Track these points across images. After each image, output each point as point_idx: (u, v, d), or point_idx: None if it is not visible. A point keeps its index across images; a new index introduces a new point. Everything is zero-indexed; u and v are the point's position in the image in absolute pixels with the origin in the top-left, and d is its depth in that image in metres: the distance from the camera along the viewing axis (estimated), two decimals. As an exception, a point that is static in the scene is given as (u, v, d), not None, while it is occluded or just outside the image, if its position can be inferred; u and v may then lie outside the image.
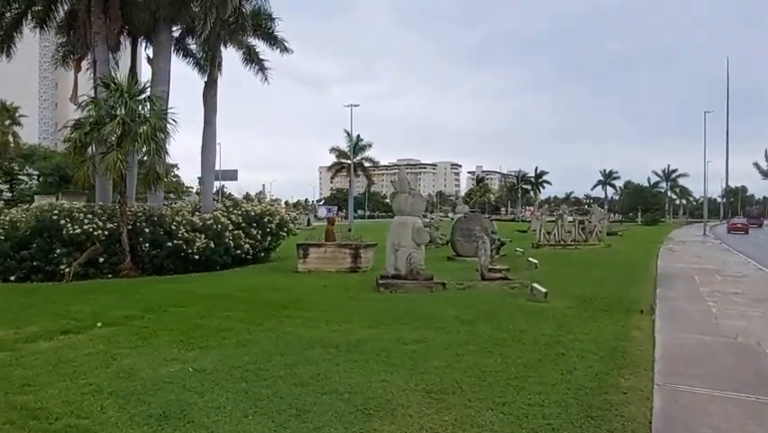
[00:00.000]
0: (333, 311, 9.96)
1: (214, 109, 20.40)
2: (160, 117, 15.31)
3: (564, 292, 11.91)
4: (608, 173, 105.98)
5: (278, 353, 7.14)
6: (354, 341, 7.68)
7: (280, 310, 10.08)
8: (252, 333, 8.33)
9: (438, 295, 11.63)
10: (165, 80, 17.79)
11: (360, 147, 54.21)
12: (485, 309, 9.79)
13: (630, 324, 8.75)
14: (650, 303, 10.61)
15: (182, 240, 15.82)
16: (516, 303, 10.44)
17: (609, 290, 12.24)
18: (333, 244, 16.63)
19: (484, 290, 12.23)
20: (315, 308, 10.34)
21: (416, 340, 7.68)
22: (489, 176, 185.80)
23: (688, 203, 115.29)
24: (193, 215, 17.69)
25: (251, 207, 19.07)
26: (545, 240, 26.94)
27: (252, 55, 21.81)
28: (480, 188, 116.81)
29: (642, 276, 14.90)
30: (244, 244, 17.78)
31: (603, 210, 57.45)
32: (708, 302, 10.58)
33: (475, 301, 10.62)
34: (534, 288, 10.99)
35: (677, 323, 8.71)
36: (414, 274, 12.53)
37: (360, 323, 8.89)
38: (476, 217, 21.45)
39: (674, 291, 12.15)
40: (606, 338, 7.72)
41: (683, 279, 14.34)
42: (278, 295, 11.92)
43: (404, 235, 12.71)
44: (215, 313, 9.92)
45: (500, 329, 8.26)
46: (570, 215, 52.05)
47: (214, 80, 20.51)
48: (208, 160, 20.38)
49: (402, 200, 12.97)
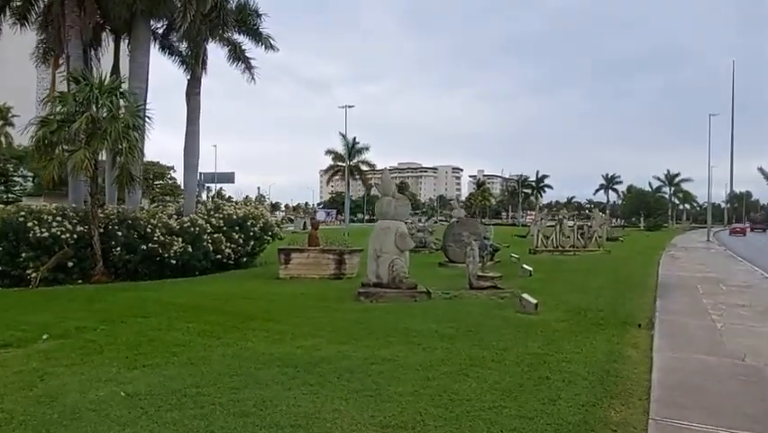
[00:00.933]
0: (304, 323, 9.17)
1: (197, 108, 19.65)
2: (133, 114, 14.54)
3: (557, 303, 11.11)
4: (610, 177, 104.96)
5: (228, 373, 6.36)
6: (317, 359, 6.88)
7: (247, 322, 9.29)
8: (208, 349, 7.54)
9: (421, 305, 10.82)
10: (143, 76, 17.04)
11: (356, 150, 53.36)
12: (468, 323, 8.98)
13: (626, 340, 7.93)
14: (649, 316, 9.79)
15: (157, 244, 15.04)
16: (504, 315, 9.63)
17: (606, 301, 11.43)
18: (316, 249, 15.83)
19: (471, 300, 11.42)
20: (286, 319, 9.56)
21: (385, 359, 6.88)
22: (491, 180, 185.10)
23: (691, 208, 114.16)
24: (176, 217, 16.90)
25: (234, 210, 18.27)
26: (543, 246, 26.10)
27: (238, 53, 21.05)
28: (482, 192, 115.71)
29: (641, 285, 14.07)
30: (225, 249, 17.00)
31: (604, 215, 56.62)
32: (712, 316, 9.74)
33: (459, 313, 9.81)
34: (524, 298, 10.17)
35: (678, 340, 7.87)
36: (396, 283, 11.73)
37: (329, 337, 8.10)
38: (470, 222, 20.64)
39: (675, 303, 11.31)
40: (597, 358, 6.91)
41: (685, 289, 13.50)
42: (250, 304, 11.14)
43: (386, 241, 11.91)
44: (176, 325, 9.14)
45: (481, 346, 7.45)
46: (570, 219, 51.34)
47: (198, 78, 19.76)
48: (191, 160, 19.61)
49: (385, 203, 12.16)
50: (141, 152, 15.34)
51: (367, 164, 55.10)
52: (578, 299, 11.67)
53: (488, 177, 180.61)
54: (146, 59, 17.25)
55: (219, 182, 79.40)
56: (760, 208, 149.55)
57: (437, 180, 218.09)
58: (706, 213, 68.70)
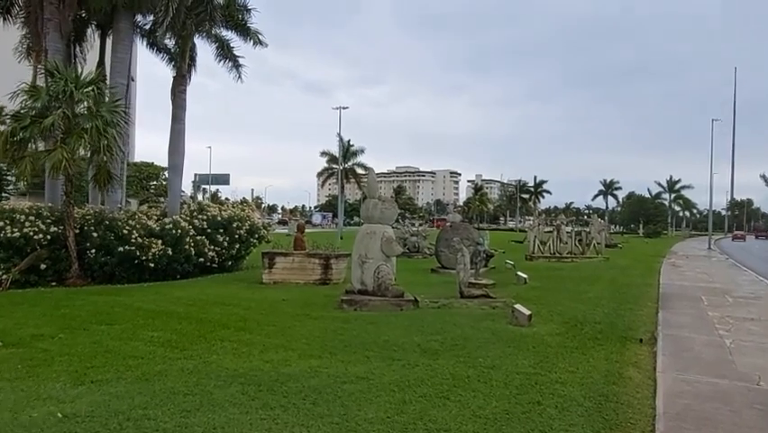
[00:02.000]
0: (278, 333, 8.50)
1: (182, 106, 18.99)
2: (112, 111, 13.87)
3: (552, 314, 10.45)
4: (609, 183, 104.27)
5: (183, 391, 5.70)
6: (284, 376, 6.22)
7: (217, 331, 8.62)
8: (167, 362, 6.88)
9: (407, 315, 10.14)
10: (124, 72, 16.37)
11: (351, 152, 52.65)
12: (455, 336, 8.31)
13: (626, 358, 7.26)
14: (651, 330, 9.13)
15: (135, 246, 14.33)
16: (494, 328, 8.95)
17: (604, 312, 10.76)
18: (301, 253, 15.14)
19: (460, 309, 10.74)
20: (260, 329, 8.89)
21: (359, 377, 6.21)
22: (489, 185, 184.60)
23: (692, 215, 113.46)
24: (157, 219, 16.21)
25: (219, 211, 17.55)
26: (540, 252, 25.43)
27: (226, 50, 20.41)
28: (479, 197, 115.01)
29: (642, 295, 13.40)
30: (208, 252, 16.29)
31: (603, 221, 56.00)
32: (719, 331, 9.06)
33: (446, 324, 9.13)
34: (516, 310, 9.50)
35: (683, 359, 7.20)
36: (382, 290, 11.05)
37: (302, 350, 7.43)
38: (463, 227, 19.94)
39: (679, 315, 10.63)
40: (595, 379, 6.23)
41: (689, 300, 12.82)
42: (226, 311, 10.46)
43: (372, 246, 11.23)
44: (140, 334, 8.48)
45: (467, 364, 6.78)
46: (568, 225, 50.54)
47: (183, 75, 19.10)
48: (175, 159, 18.93)
49: (371, 206, 11.48)
50: (120, 149, 14.65)
51: (362, 167, 54.40)
52: (574, 309, 11.00)
53: (486, 182, 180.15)
54: (128, 54, 16.59)
55: (214, 184, 79.09)
56: (761, 216, 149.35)
57: (435, 185, 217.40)
58: (706, 220, 68.16)
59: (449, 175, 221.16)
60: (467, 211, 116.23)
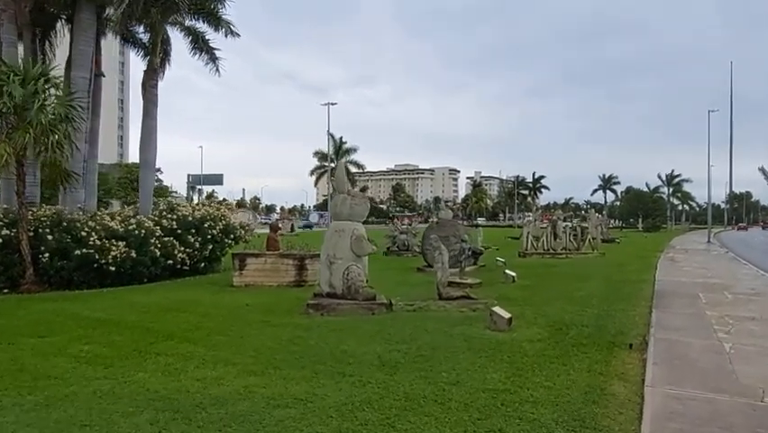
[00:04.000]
0: (226, 345, 7.60)
1: (154, 101, 18.09)
2: (65, 105, 12.95)
3: (536, 316, 9.54)
4: (608, 178, 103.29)
5: (83, 421, 4.82)
6: (210, 400, 5.32)
7: (159, 343, 7.73)
8: (84, 382, 5.98)
9: (376, 320, 9.23)
10: (86, 65, 15.41)
11: (344, 150, 51.66)
12: (423, 344, 7.40)
13: (612, 369, 6.35)
14: (642, 334, 8.21)
15: (94, 248, 13.41)
16: (469, 334, 8.05)
17: (593, 313, 9.85)
18: (274, 253, 14.22)
19: (437, 312, 9.83)
20: (208, 339, 7.98)
21: (298, 399, 5.32)
22: (488, 182, 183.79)
23: (690, 209, 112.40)
24: (120, 219, 15.27)
25: (191, 210, 16.61)
26: (533, 248, 24.51)
27: (201, 43, 19.48)
28: (476, 193, 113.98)
29: (636, 293, 12.48)
30: (178, 254, 15.35)
31: (601, 216, 55.10)
32: (718, 333, 8.13)
33: (416, 331, 8.23)
34: (495, 313, 8.58)
35: (677, 369, 6.28)
36: (352, 293, 10.14)
37: (245, 366, 6.53)
38: (450, 224, 19.01)
39: (674, 316, 9.72)
40: (573, 397, 5.33)
41: (686, 298, 11.89)
42: (179, 319, 9.56)
43: (341, 245, 10.32)
44: (70, 347, 7.58)
45: (428, 379, 5.88)
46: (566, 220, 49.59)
47: (155, 69, 18.21)
48: (147, 156, 18.04)
49: (339, 202, 10.56)
50: (76, 147, 13.71)
51: (355, 165, 53.46)
52: (561, 310, 10.09)
53: (485, 178, 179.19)
54: (90, 47, 15.64)
55: (207, 184, 78.27)
56: (761, 209, 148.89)
57: (434, 182, 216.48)
58: (705, 214, 67.12)
59: (448, 172, 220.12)
60: (465, 208, 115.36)
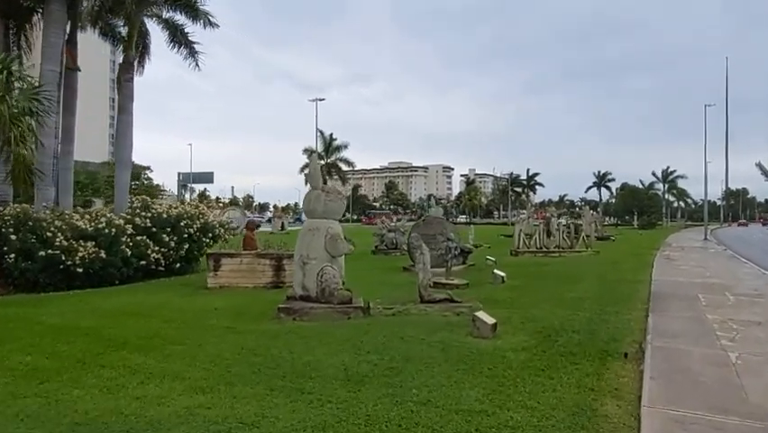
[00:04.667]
0: (180, 356, 6.90)
1: (129, 96, 17.37)
2: (29, 98, 12.24)
3: (524, 320, 8.88)
4: (602, 175, 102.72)
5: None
6: (144, 424, 4.66)
7: (108, 354, 7.04)
8: (9, 401, 5.35)
9: (351, 325, 8.54)
10: (56, 58, 14.68)
11: (334, 147, 50.90)
12: (396, 354, 6.72)
13: (604, 383, 5.68)
14: (638, 341, 7.56)
15: (60, 249, 12.69)
16: (449, 341, 7.38)
17: (585, 317, 9.19)
18: (250, 253, 13.52)
19: (418, 317, 9.16)
20: (163, 349, 7.29)
21: (244, 423, 4.64)
22: (483, 179, 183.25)
23: (686, 206, 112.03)
24: (89, 218, 14.53)
25: (166, 208, 15.87)
26: (525, 246, 23.86)
27: (180, 36, 18.75)
28: (470, 190, 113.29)
29: (631, 295, 11.83)
30: (151, 254, 14.63)
31: (595, 213, 54.53)
32: (721, 341, 7.47)
33: (391, 339, 7.55)
34: (478, 318, 7.91)
35: (677, 384, 5.61)
36: (326, 296, 9.45)
37: (195, 380, 5.84)
38: (437, 221, 18.32)
39: (673, 320, 9.06)
40: (559, 420, 4.66)
41: (684, 300, 11.23)
42: (138, 325, 8.85)
43: (314, 245, 9.62)
44: (11, 358, 6.95)
45: (394, 398, 5.20)
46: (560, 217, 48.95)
47: (131, 62, 17.50)
48: (123, 153, 17.32)
49: (313, 198, 9.86)
50: (41, 142, 13.00)
51: (346, 162, 52.72)
52: (551, 314, 9.42)
53: (479, 176, 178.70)
54: (61, 39, 14.93)
55: (198, 182, 77.30)
56: (757, 205, 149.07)
57: (428, 180, 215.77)
58: (701, 211, 66.68)
59: (442, 170, 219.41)
60: (458, 205, 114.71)
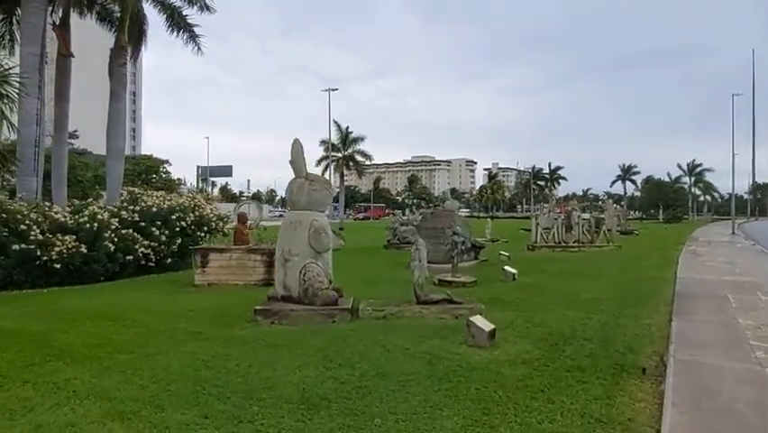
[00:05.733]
0: (122, 367, 5.99)
1: (122, 82, 16.58)
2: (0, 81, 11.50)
3: (530, 325, 7.82)
4: (627, 168, 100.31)
5: None
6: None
7: (41, 364, 6.17)
8: None
9: (332, 331, 7.55)
10: (36, 41, 13.93)
11: (351, 139, 49.81)
12: (371, 368, 5.73)
13: (615, 411, 4.61)
14: (659, 351, 6.45)
15: (35, 243, 11.93)
16: (438, 351, 6.36)
17: (600, 322, 8.09)
18: (240, 248, 12.62)
19: (410, 320, 8.15)
20: (108, 358, 6.39)
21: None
22: (506, 173, 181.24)
23: (713, 199, 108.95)
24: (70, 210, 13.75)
25: (156, 201, 15.02)
26: (543, 241, 22.63)
27: (178, 18, 17.91)
28: (492, 184, 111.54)
29: (654, 295, 10.66)
30: (139, 248, 13.83)
31: (619, 207, 52.78)
32: (756, 352, 6.31)
33: (373, 347, 6.55)
34: (473, 324, 6.87)
35: (706, 414, 4.52)
36: (309, 296, 8.48)
37: (122, 401, 4.93)
38: (446, 215, 17.25)
39: (700, 326, 7.91)
40: (552, 467, 3.62)
41: (712, 300, 10.05)
42: (95, 329, 7.96)
43: (297, 240, 8.66)
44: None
45: (353, 429, 4.21)
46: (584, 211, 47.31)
47: (123, 47, 16.72)
48: (115, 143, 16.56)
49: (296, 188, 8.89)
50: (14, 126, 12.25)
51: (362, 154, 51.62)
52: (561, 317, 8.34)
53: (502, 170, 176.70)
54: (41, 20, 14.17)
55: (216, 176, 77.26)
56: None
57: (451, 174, 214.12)
58: (728, 204, 64.34)
59: (465, 164, 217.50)
60: (481, 199, 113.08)
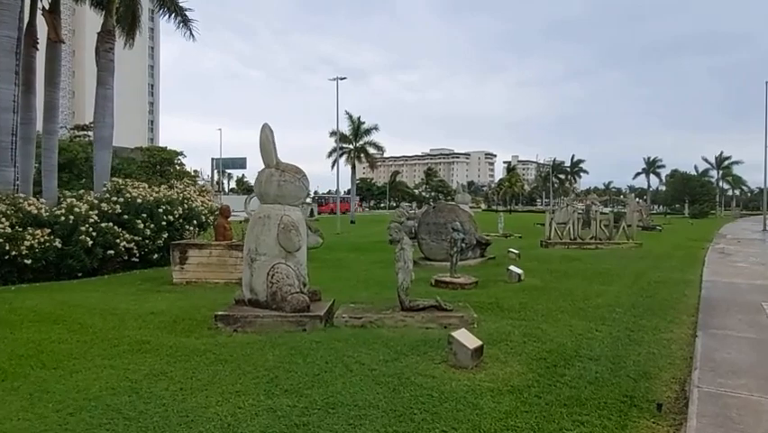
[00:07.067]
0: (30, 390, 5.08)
1: (109, 68, 15.76)
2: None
3: (527, 339, 6.73)
4: (652, 161, 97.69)
5: None
6: None
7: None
8: None
9: (292, 344, 6.51)
10: (13, 23, 13.10)
11: (363, 130, 48.67)
12: (320, 398, 4.70)
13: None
14: (679, 378, 5.33)
15: (2, 237, 11.12)
16: (409, 374, 5.31)
17: (611, 336, 6.97)
18: (220, 244, 11.69)
19: (389, 331, 7.11)
20: (24, 376, 5.49)
21: None
22: (526, 166, 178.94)
23: (742, 194, 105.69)
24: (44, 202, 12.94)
25: (141, 193, 14.13)
26: (558, 237, 21.38)
27: (168, 3, 17.00)
28: (510, 177, 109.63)
29: (675, 301, 9.48)
30: (120, 243, 12.99)
31: (641, 201, 51.02)
32: (802, 384, 5.18)
33: (334, 366, 5.54)
34: (456, 340, 5.80)
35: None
36: (278, 301, 7.49)
37: None
38: (449, 209, 16.15)
39: (730, 343, 6.74)
40: None
41: (744, 310, 8.83)
42: (36, 336, 7.06)
43: (265, 237, 7.65)
44: None
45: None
46: (606, 205, 45.73)
47: (110, 31, 15.87)
48: (102, 131, 15.75)
49: (264, 179, 7.87)
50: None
51: (374, 146, 50.43)
52: (566, 329, 7.24)
53: (522, 162, 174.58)
54: (17, 1, 13.32)
55: (230, 168, 76.90)
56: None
57: (470, 167, 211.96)
58: (757, 199, 61.88)
59: (484, 156, 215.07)
60: (499, 192, 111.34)
